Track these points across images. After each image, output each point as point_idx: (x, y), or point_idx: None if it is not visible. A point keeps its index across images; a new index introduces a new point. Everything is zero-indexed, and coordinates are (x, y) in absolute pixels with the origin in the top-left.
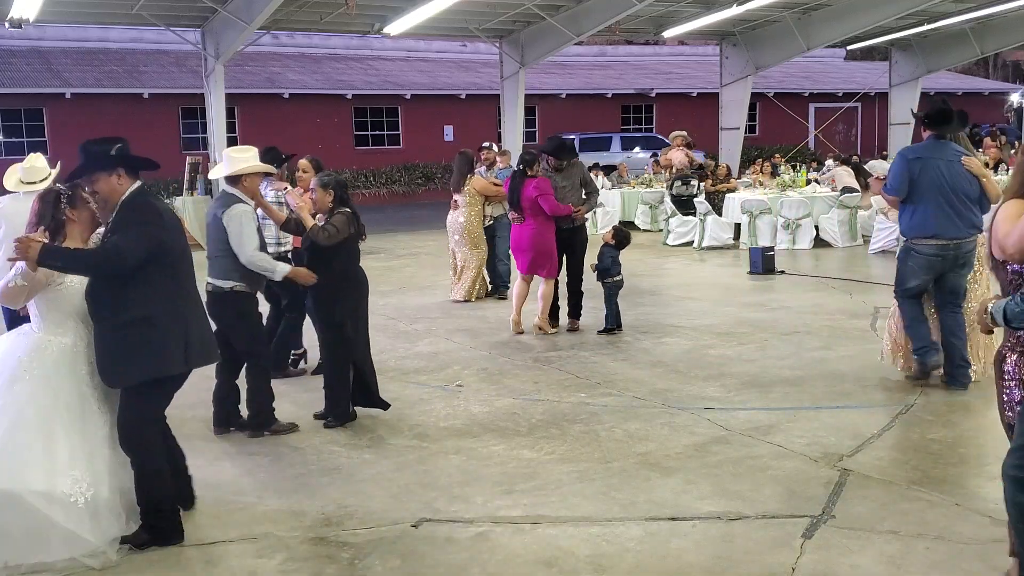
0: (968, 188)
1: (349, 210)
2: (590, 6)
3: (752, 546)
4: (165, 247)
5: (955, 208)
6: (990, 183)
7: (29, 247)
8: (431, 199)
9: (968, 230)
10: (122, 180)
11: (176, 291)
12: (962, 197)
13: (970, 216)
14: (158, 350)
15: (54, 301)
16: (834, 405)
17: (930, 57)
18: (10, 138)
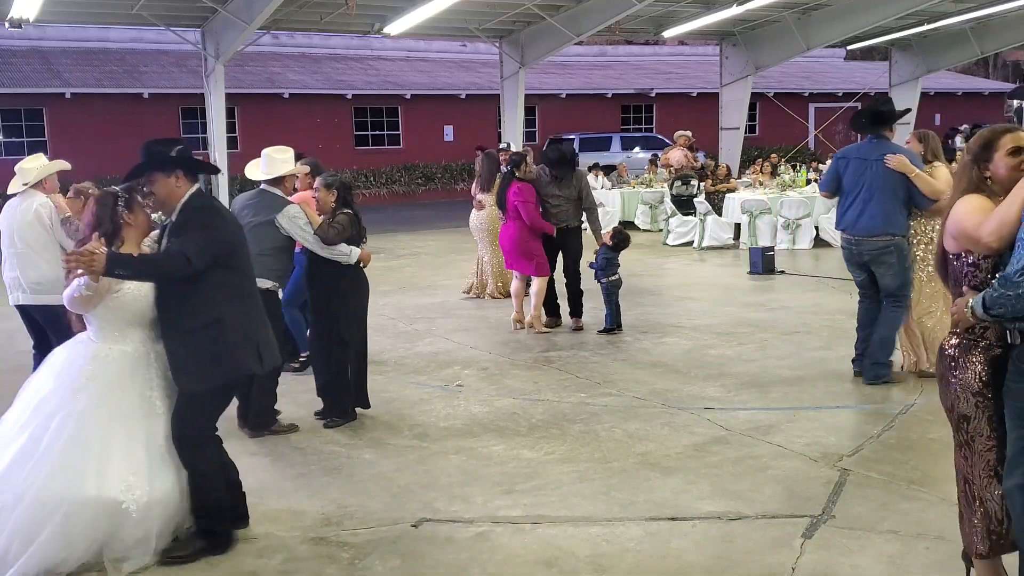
0: (888, 187)
1: (351, 211)
2: (590, 6)
3: (752, 546)
4: (229, 248)
5: (867, 207)
6: (920, 179)
7: (93, 260)
8: (431, 199)
9: (880, 229)
10: (180, 182)
11: (243, 292)
12: (881, 197)
13: (883, 216)
14: (231, 353)
15: (112, 310)
16: (834, 405)
17: (930, 57)
18: (10, 138)
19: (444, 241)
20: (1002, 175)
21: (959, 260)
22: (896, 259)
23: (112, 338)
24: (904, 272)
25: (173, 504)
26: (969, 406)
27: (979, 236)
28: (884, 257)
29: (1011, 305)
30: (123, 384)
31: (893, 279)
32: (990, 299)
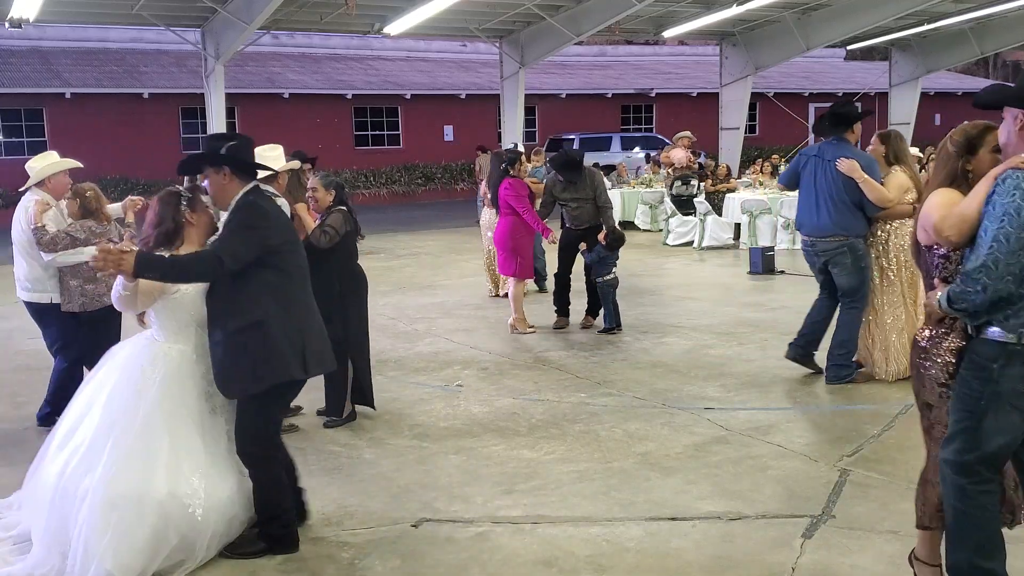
0: (840, 189)
1: (344, 208)
2: (590, 6)
3: (752, 546)
4: (272, 249)
5: (819, 207)
6: (867, 184)
7: (122, 260)
8: (431, 199)
9: (830, 229)
10: (229, 180)
11: (289, 295)
12: (832, 198)
13: (834, 217)
14: (272, 356)
15: (171, 309)
16: (834, 405)
17: (930, 57)
18: (10, 138)
19: (444, 241)
20: (985, 171)
21: (930, 252)
22: (850, 260)
23: (173, 338)
24: (859, 272)
25: (233, 507)
26: (933, 395)
27: (940, 229)
28: (838, 257)
29: (971, 301)
30: (184, 384)
31: (848, 279)
32: (953, 294)
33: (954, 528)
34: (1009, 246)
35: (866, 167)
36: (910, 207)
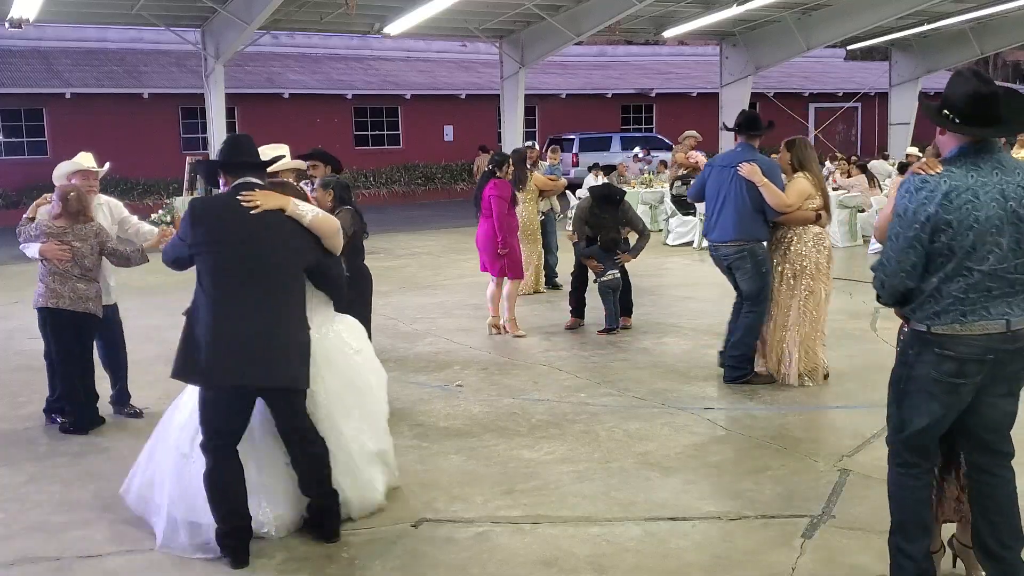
0: (741, 194)
1: (351, 207)
2: (590, 6)
3: (752, 546)
4: (191, 249)
5: (722, 213)
6: (766, 189)
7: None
8: (431, 199)
9: (730, 235)
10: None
11: (210, 295)
12: (733, 204)
13: (735, 222)
14: (182, 350)
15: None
16: (834, 405)
17: (930, 57)
18: (10, 138)
19: (444, 241)
20: None
21: None
22: (751, 264)
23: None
24: (759, 277)
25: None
26: None
27: (876, 230)
28: (738, 262)
29: (881, 292)
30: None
31: (748, 284)
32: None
33: (889, 506)
34: (898, 244)
35: (767, 172)
36: (812, 213)
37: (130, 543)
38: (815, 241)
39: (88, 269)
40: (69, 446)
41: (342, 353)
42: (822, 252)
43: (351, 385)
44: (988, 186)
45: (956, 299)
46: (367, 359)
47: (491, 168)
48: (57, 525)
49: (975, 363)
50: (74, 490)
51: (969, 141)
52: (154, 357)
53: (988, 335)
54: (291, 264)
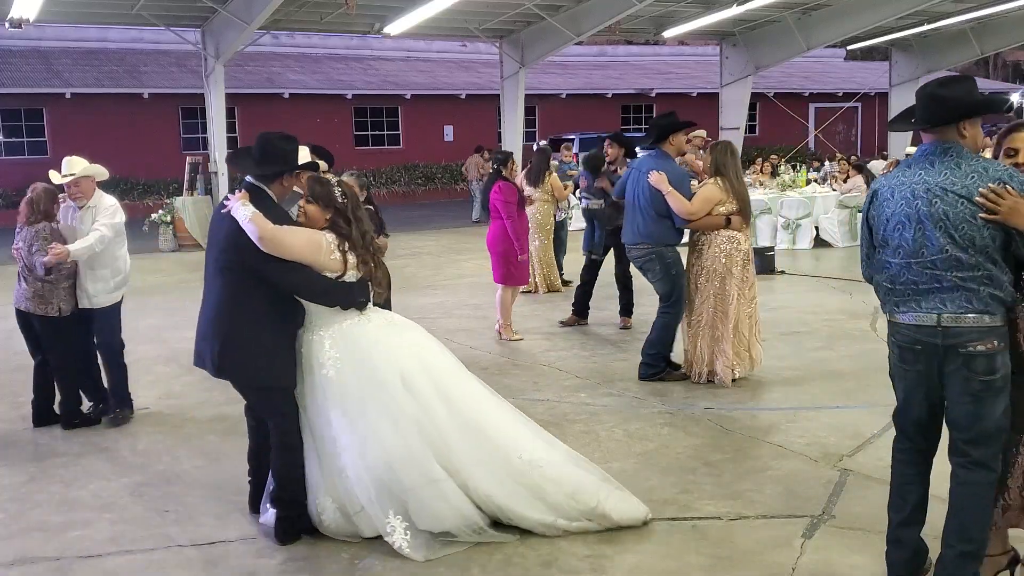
0: (649, 200)
1: (371, 207)
2: (590, 6)
3: (752, 546)
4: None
5: (633, 216)
6: (671, 196)
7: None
8: (431, 199)
9: (639, 238)
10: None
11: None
12: (643, 208)
13: (643, 226)
14: None
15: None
16: (834, 405)
17: (930, 57)
18: (10, 138)
19: (444, 241)
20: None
21: None
22: (659, 267)
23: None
24: (670, 279)
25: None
26: None
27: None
28: (647, 264)
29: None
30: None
31: (659, 285)
32: None
33: None
34: (860, 237)
35: (673, 180)
36: (721, 219)
37: (130, 543)
38: (726, 244)
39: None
40: (69, 446)
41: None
42: (733, 255)
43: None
44: (904, 185)
45: (888, 289)
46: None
47: (496, 168)
48: (57, 525)
49: (909, 351)
50: (74, 490)
51: (927, 141)
52: (154, 357)
53: (917, 326)
54: (236, 267)
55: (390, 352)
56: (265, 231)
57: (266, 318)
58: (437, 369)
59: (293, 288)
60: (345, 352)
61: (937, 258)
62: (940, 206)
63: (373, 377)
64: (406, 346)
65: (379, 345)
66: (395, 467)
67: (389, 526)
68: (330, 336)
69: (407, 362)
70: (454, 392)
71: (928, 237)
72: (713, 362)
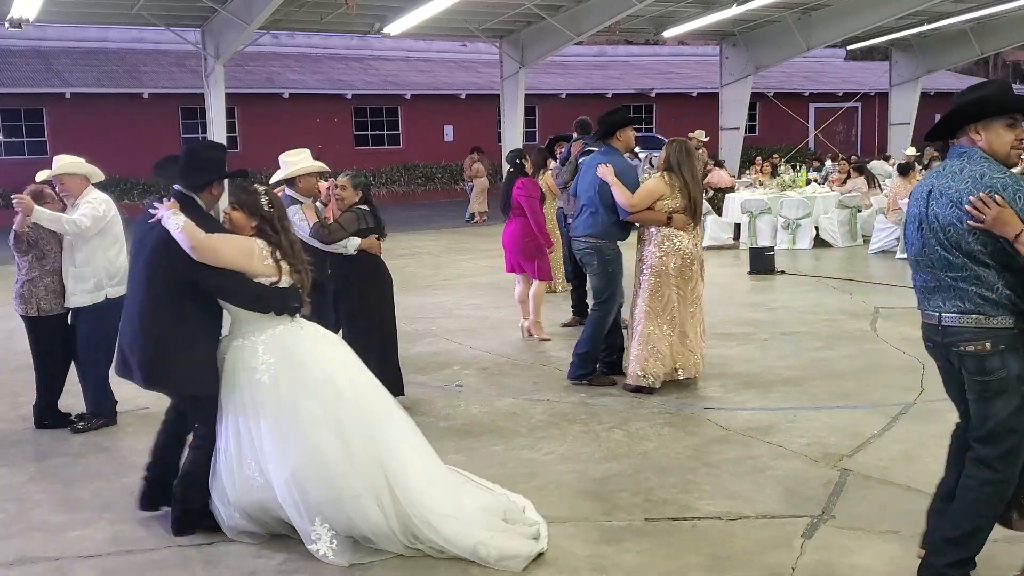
0: (595, 193)
1: (366, 207)
2: (590, 6)
3: (752, 546)
4: None
5: (580, 210)
6: (615, 188)
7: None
8: (431, 199)
9: (581, 231)
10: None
11: None
12: (588, 201)
13: (587, 219)
14: None
15: None
16: (834, 405)
17: (930, 57)
18: (10, 138)
19: (444, 241)
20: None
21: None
22: (597, 262)
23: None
24: (605, 276)
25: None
26: None
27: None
28: (587, 258)
29: None
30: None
31: (595, 281)
32: None
33: None
34: None
35: (619, 172)
36: (662, 215)
37: (130, 543)
38: (664, 242)
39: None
40: (69, 446)
41: (246, 368)
42: (670, 254)
43: (257, 404)
44: (921, 187)
45: (913, 284)
46: (290, 371)
47: (519, 163)
48: (57, 525)
49: (928, 348)
50: (74, 490)
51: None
52: None
53: (927, 324)
54: (166, 276)
55: (324, 362)
56: (197, 240)
57: (197, 327)
58: (363, 387)
59: (227, 295)
60: (279, 358)
61: (933, 258)
62: (935, 208)
63: (306, 386)
64: (338, 358)
65: (314, 353)
66: (322, 477)
67: (314, 533)
68: (263, 342)
69: (339, 374)
70: (377, 408)
71: (926, 238)
72: (649, 361)
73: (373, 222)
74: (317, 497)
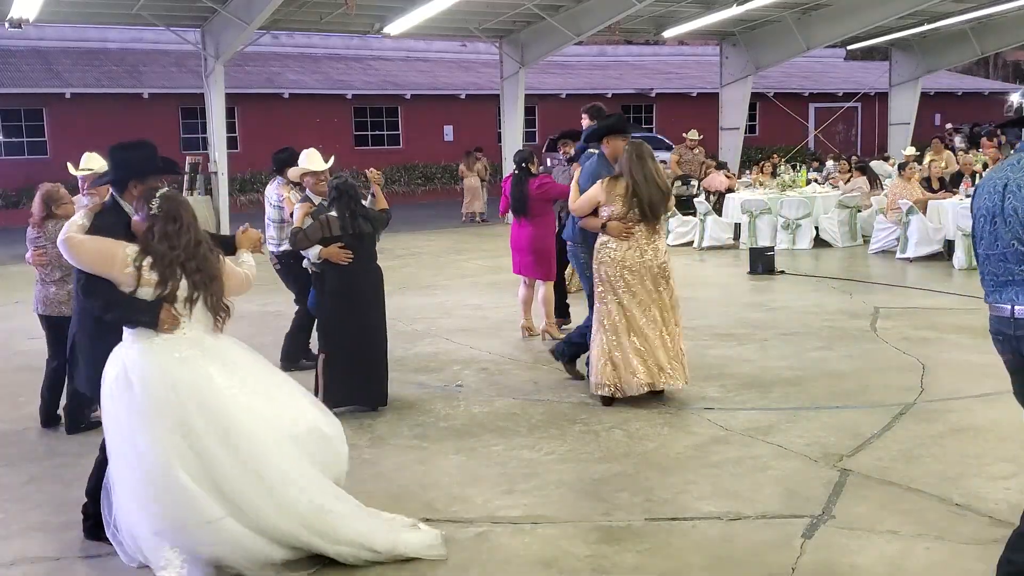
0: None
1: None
2: (590, 6)
3: (752, 546)
4: None
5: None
6: (573, 194)
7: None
8: (431, 199)
9: (566, 235)
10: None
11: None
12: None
13: (568, 224)
14: None
15: None
16: (834, 405)
17: (930, 57)
18: (10, 138)
19: (444, 241)
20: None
21: None
22: (576, 266)
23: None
24: (585, 280)
25: None
26: None
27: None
28: (573, 261)
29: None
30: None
31: (584, 283)
32: None
33: None
34: None
35: (583, 177)
36: (598, 222)
37: None
38: (599, 250)
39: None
40: (69, 446)
41: (104, 379)
42: (603, 263)
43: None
44: (992, 180)
45: (981, 278)
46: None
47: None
48: (57, 525)
49: (995, 340)
50: (74, 490)
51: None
52: None
53: (998, 317)
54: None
55: (186, 384)
56: (65, 236)
57: (95, 330)
58: (226, 406)
59: (86, 295)
60: (150, 373)
61: (1007, 251)
62: (1012, 201)
63: (143, 412)
64: (203, 379)
65: (178, 373)
66: (174, 503)
67: (164, 559)
68: (126, 354)
69: (202, 394)
70: (242, 430)
71: (999, 231)
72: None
73: (339, 230)
74: (167, 522)
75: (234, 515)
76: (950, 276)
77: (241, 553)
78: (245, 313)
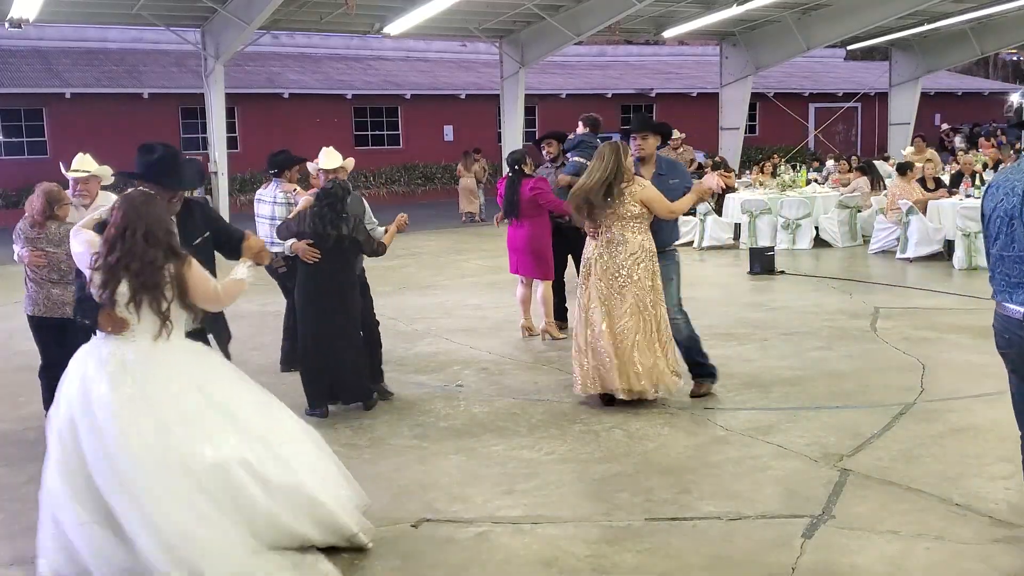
0: None
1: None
2: (590, 6)
3: (752, 546)
4: None
5: None
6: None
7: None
8: (431, 199)
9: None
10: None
11: None
12: None
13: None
14: None
15: None
16: (834, 405)
17: (930, 57)
18: (10, 138)
19: (444, 241)
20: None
21: None
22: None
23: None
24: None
25: None
26: None
27: None
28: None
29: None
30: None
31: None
32: None
33: None
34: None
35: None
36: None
37: None
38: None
39: (65, 273)
40: None
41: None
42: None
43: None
44: (1008, 181)
45: (990, 276)
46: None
47: (519, 168)
48: None
49: (1000, 338)
50: None
51: None
52: None
53: (1007, 317)
54: None
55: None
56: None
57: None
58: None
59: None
60: (67, 372)
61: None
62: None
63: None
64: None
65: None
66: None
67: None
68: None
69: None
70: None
71: (1016, 233)
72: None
73: (308, 227)
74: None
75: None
76: (950, 276)
77: (99, 559)
78: (245, 313)
